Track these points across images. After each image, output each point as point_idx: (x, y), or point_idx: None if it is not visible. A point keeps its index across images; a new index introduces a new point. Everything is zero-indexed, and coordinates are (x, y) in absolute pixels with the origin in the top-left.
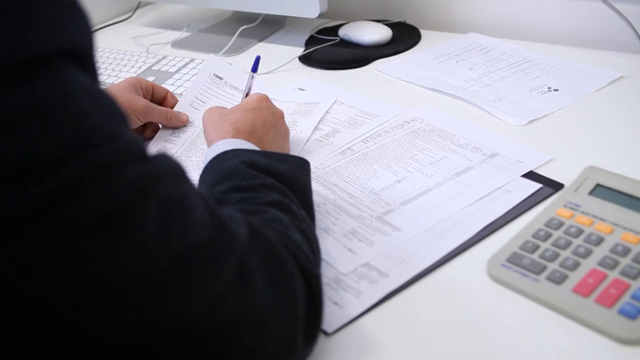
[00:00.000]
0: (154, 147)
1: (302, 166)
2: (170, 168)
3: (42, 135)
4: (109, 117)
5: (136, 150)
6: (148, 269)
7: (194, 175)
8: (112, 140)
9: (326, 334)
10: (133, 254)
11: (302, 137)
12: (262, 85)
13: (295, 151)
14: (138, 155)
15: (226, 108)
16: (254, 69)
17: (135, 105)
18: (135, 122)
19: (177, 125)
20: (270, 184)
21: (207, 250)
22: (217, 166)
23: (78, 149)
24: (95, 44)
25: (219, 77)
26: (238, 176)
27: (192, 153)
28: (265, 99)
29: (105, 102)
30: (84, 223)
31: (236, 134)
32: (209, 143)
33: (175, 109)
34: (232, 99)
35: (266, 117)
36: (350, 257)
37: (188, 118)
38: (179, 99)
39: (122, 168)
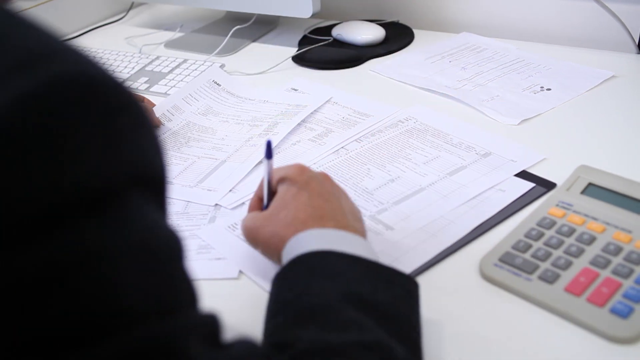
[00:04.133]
0: None
1: (410, 289)
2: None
3: (58, 309)
4: (161, 284)
5: (206, 331)
6: None
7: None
8: (160, 316)
9: None
10: None
11: (275, 139)
12: (253, 85)
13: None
14: (210, 337)
15: (259, 212)
16: (268, 155)
17: None
18: None
19: (153, 123)
20: (372, 341)
21: None
22: (301, 282)
23: (102, 328)
24: (167, 168)
25: (217, 84)
26: (330, 321)
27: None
28: (301, 171)
29: (161, 262)
30: None
31: (306, 226)
32: (270, 251)
33: (167, 100)
34: (226, 103)
35: (318, 189)
36: None
37: (160, 122)
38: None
39: (184, 350)
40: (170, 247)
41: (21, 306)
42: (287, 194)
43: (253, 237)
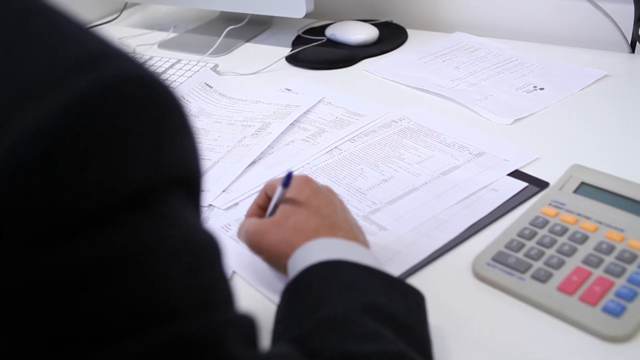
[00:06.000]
0: None
1: (420, 303)
2: None
3: (106, 300)
4: (203, 281)
5: (245, 331)
6: None
7: None
8: (202, 311)
9: None
10: None
11: (268, 139)
12: (247, 85)
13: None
14: (248, 337)
15: (262, 219)
16: (285, 184)
17: None
18: None
19: None
20: (392, 352)
21: None
22: (315, 293)
23: (148, 320)
24: (203, 172)
25: (209, 86)
26: (351, 332)
27: None
28: (307, 180)
29: (202, 260)
30: None
31: (317, 234)
32: (275, 258)
33: None
34: (219, 104)
35: (326, 199)
36: None
37: None
38: None
39: (224, 346)
40: (210, 246)
41: (71, 298)
42: (296, 202)
43: (257, 242)
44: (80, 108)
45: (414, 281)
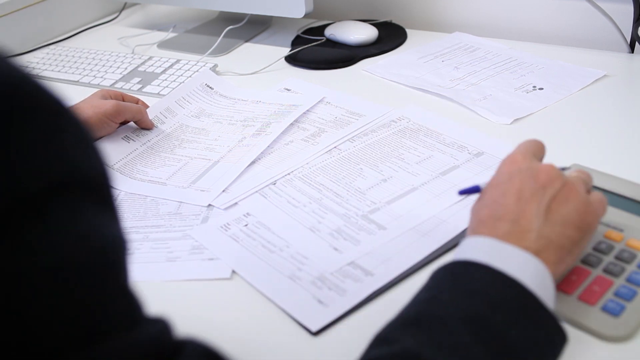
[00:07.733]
0: (110, 142)
1: (554, 343)
2: None
3: None
4: (84, 311)
5: (151, 350)
6: None
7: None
8: (81, 346)
9: (311, 333)
10: None
11: (268, 139)
12: (246, 85)
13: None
14: (157, 352)
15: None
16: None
17: (102, 108)
18: (110, 126)
19: (147, 124)
20: None
21: None
22: (439, 286)
23: None
24: (101, 165)
25: (210, 87)
26: (438, 338)
27: (147, 159)
28: (514, 161)
29: (85, 284)
30: None
31: (479, 226)
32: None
33: (160, 102)
34: (219, 104)
35: (521, 185)
36: (335, 255)
37: (153, 125)
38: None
39: None
40: (104, 256)
41: None
42: (497, 177)
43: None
44: None
45: (413, 281)
